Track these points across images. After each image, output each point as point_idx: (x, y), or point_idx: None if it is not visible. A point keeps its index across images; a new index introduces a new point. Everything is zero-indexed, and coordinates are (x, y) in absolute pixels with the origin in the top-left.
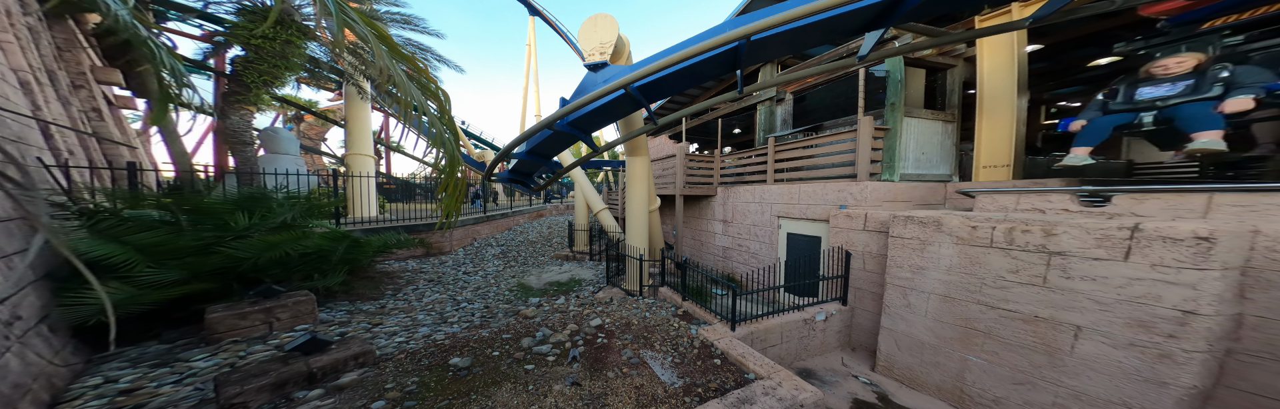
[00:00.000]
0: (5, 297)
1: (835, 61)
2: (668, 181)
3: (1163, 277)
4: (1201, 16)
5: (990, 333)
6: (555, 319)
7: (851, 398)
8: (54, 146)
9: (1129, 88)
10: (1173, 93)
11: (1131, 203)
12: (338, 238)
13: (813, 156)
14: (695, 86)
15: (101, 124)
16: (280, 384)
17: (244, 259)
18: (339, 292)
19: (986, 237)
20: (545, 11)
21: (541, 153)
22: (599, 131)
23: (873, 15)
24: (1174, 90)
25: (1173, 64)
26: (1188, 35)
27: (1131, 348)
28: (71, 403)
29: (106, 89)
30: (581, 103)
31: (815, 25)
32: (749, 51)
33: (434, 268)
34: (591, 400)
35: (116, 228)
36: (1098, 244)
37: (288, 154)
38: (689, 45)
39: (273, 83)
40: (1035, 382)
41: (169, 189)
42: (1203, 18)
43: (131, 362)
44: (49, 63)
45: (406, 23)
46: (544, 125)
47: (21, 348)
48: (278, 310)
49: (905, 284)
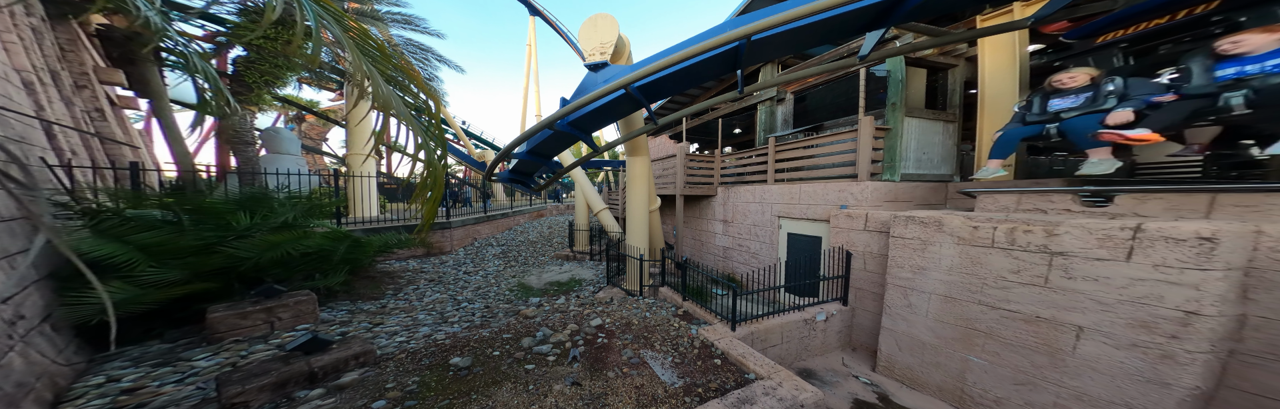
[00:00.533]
0: (8, 296)
1: (836, 61)
2: (668, 181)
3: (1165, 277)
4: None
5: (991, 333)
6: (555, 319)
7: (852, 398)
8: (57, 146)
9: (1042, 99)
10: (1075, 105)
11: (1134, 203)
12: (339, 238)
13: (813, 156)
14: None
15: (104, 124)
16: (281, 384)
17: (245, 259)
18: (340, 291)
19: (988, 237)
20: (546, 12)
21: (542, 153)
22: (599, 131)
23: (873, 15)
24: (1077, 102)
25: (1067, 79)
26: (1089, 49)
27: (1134, 348)
28: (74, 402)
29: (109, 89)
30: (582, 103)
31: (816, 25)
32: (749, 51)
33: (435, 268)
34: (592, 400)
35: (119, 227)
36: (1100, 244)
37: (289, 154)
38: (689, 45)
39: (274, 83)
40: (1037, 382)
41: (171, 189)
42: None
43: (133, 361)
44: (52, 63)
45: (407, 23)
46: (544, 125)
47: (25, 347)
48: (279, 310)
49: (906, 284)
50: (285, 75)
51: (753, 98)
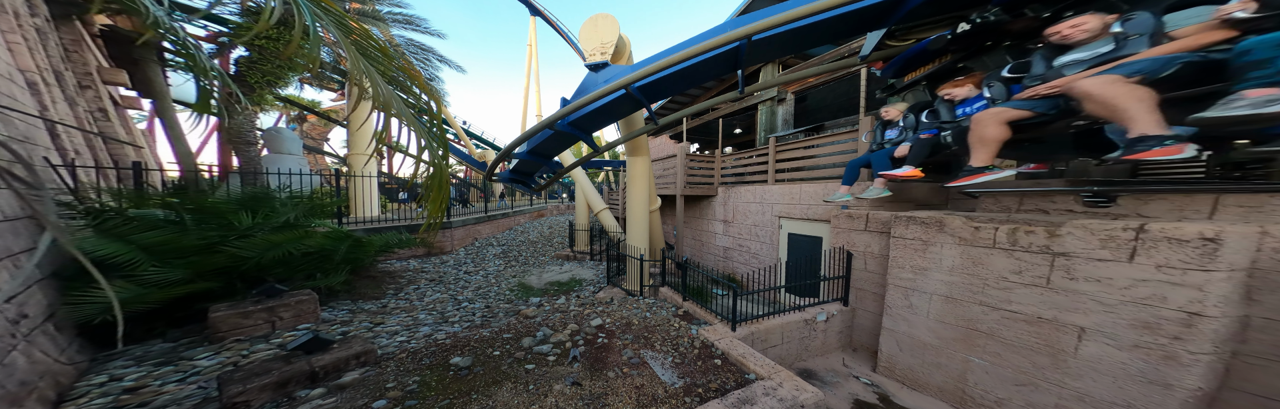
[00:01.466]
0: (12, 295)
1: (837, 61)
2: (668, 181)
3: (1168, 278)
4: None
5: (993, 334)
6: (556, 319)
7: (853, 399)
8: (60, 146)
9: (881, 129)
10: (893, 137)
11: (1137, 203)
12: (340, 237)
13: (814, 156)
14: (696, 86)
15: (107, 124)
16: (283, 383)
17: (247, 258)
18: (341, 291)
19: (989, 237)
20: (546, 12)
21: (542, 153)
22: (600, 131)
23: (874, 15)
24: (894, 134)
25: (890, 111)
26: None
27: (1136, 350)
28: (77, 401)
29: (112, 89)
30: (582, 103)
31: (817, 25)
32: (750, 51)
33: (435, 267)
34: (592, 400)
35: (122, 227)
36: (1102, 245)
37: (291, 154)
38: (690, 45)
39: (276, 83)
40: (1038, 383)
41: (174, 188)
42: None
43: (136, 360)
44: (56, 63)
45: (408, 23)
46: (545, 125)
47: (28, 346)
48: (280, 309)
49: (907, 285)
50: (287, 75)
51: (753, 98)
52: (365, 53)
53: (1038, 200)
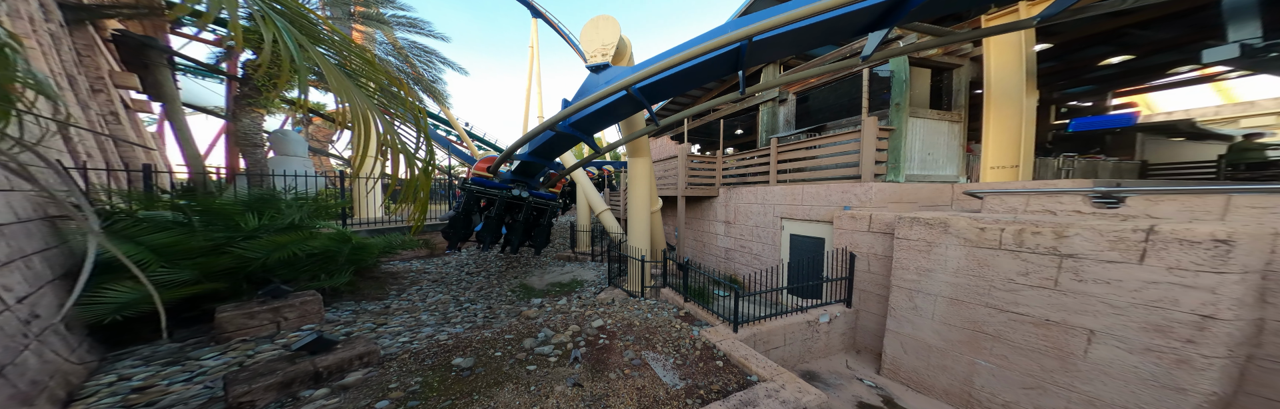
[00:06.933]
0: (24, 296)
1: (839, 62)
2: (670, 182)
3: (1180, 280)
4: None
5: (999, 336)
6: (557, 320)
7: (856, 401)
8: (73, 149)
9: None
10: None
11: (1146, 204)
12: (344, 239)
13: (816, 157)
14: (697, 87)
15: (119, 127)
16: (287, 383)
17: (253, 259)
18: (345, 292)
19: (995, 238)
20: (548, 14)
21: (544, 154)
22: (601, 133)
23: (876, 15)
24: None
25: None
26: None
27: (1148, 353)
28: (86, 400)
29: (124, 93)
30: (584, 104)
31: (818, 26)
32: (751, 52)
33: (438, 268)
34: (593, 402)
35: (132, 228)
36: (1111, 246)
37: (296, 156)
38: (691, 46)
39: (282, 86)
40: (1046, 386)
41: (182, 190)
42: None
43: (144, 360)
44: (69, 67)
45: (412, 26)
46: (546, 127)
47: (39, 346)
48: (285, 310)
49: (911, 286)
50: (293, 78)
51: (755, 98)
52: (346, 67)
53: (1044, 201)
